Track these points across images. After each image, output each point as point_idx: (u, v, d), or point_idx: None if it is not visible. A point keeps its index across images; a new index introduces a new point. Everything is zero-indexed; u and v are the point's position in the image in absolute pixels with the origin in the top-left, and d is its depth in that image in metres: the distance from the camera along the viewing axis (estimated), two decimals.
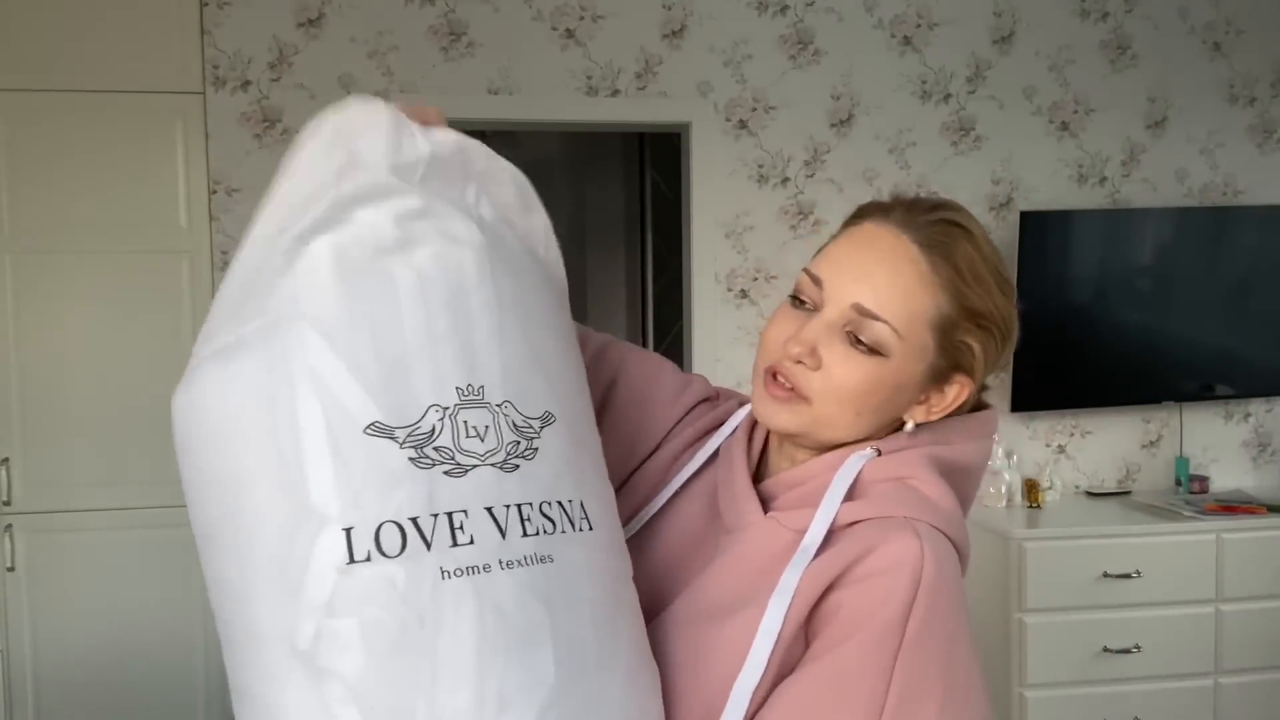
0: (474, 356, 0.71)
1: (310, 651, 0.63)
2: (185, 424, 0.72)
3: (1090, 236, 3.12)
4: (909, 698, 0.71)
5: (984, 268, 0.82)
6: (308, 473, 0.65)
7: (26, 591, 2.75)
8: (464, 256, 0.73)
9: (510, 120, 3.01)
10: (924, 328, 0.81)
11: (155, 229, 2.79)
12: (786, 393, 0.82)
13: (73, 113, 2.72)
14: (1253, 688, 2.85)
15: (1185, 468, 3.25)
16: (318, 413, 0.66)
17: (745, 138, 3.06)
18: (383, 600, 0.63)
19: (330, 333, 0.68)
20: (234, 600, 0.68)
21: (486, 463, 0.68)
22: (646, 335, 4.80)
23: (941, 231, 0.81)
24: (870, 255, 0.81)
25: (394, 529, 0.64)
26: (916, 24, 3.12)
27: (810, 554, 0.77)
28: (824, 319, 0.81)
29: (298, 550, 0.64)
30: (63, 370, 2.76)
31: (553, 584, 0.69)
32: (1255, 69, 3.30)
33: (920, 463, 0.82)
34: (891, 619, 0.72)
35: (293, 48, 2.87)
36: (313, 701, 0.63)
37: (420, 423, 0.67)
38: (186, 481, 0.72)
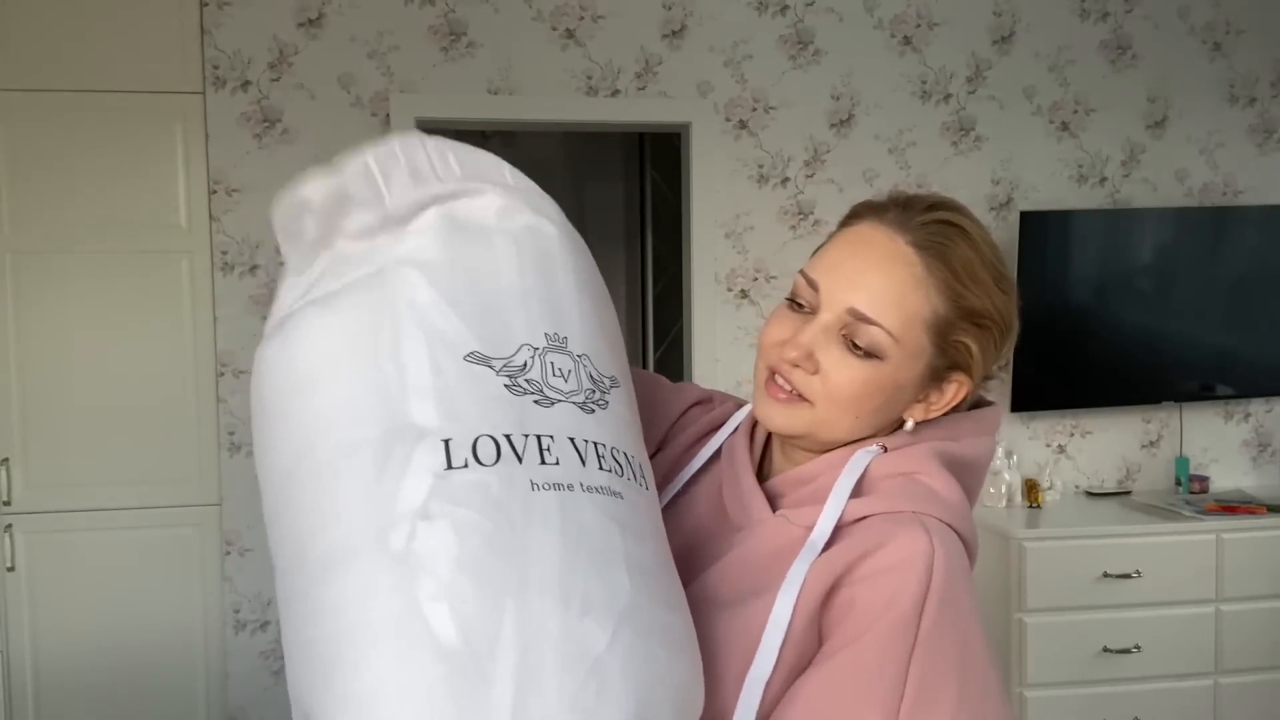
0: (559, 312, 0.78)
1: (403, 551, 0.65)
2: (275, 371, 0.76)
3: (1090, 236, 3.12)
4: (926, 692, 0.71)
5: (981, 267, 0.82)
6: (409, 392, 0.70)
7: (26, 591, 2.75)
8: (550, 231, 0.82)
9: (510, 120, 3.01)
10: (920, 330, 0.81)
11: (155, 229, 2.79)
12: (786, 395, 0.83)
13: (73, 113, 2.73)
14: (1253, 688, 2.85)
15: (1185, 468, 3.25)
16: (420, 339, 0.72)
17: (745, 138, 3.06)
18: (477, 503, 0.66)
19: (433, 273, 0.75)
20: (317, 524, 0.70)
21: (570, 400, 0.74)
22: (646, 335, 4.80)
23: (937, 232, 0.81)
24: (865, 258, 0.81)
25: (489, 441, 0.69)
26: (916, 24, 3.12)
27: (818, 548, 0.78)
28: (820, 323, 0.81)
29: (395, 461, 0.68)
30: (63, 370, 2.76)
31: (625, 516, 0.73)
32: (1255, 69, 3.30)
33: (927, 458, 0.82)
34: (905, 614, 0.73)
35: (293, 48, 2.87)
36: (401, 601, 0.64)
37: (514, 356, 0.73)
38: (265, 424, 0.76)
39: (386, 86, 2.90)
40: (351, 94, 2.89)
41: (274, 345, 0.76)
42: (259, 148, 2.86)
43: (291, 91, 2.87)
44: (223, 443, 2.88)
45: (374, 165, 0.82)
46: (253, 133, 2.86)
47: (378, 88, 2.90)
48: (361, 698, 0.63)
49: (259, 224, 2.88)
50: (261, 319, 2.88)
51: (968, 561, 0.80)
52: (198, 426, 2.83)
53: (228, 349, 2.86)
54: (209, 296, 2.83)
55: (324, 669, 0.66)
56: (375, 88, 2.89)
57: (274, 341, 0.77)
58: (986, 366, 0.86)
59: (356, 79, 2.89)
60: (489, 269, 0.77)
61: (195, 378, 2.83)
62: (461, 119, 3.00)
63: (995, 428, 0.90)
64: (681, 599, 0.76)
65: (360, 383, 0.71)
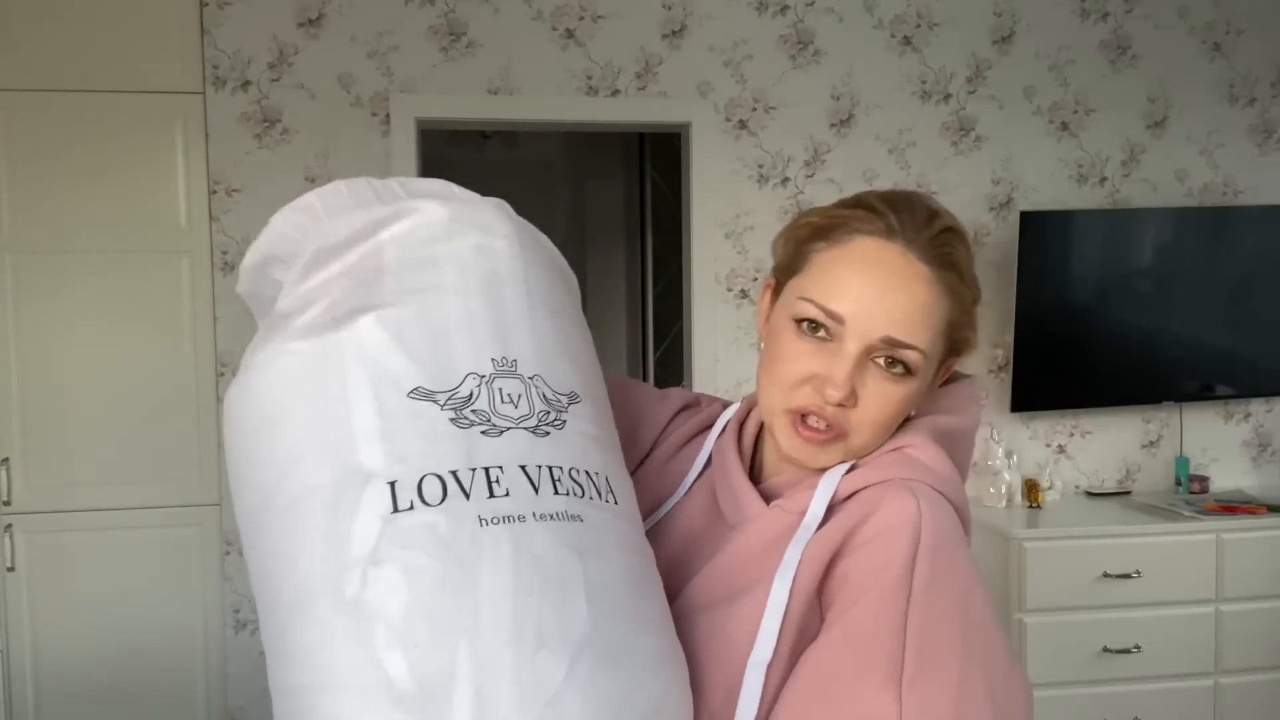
0: (508, 333, 0.77)
1: (356, 599, 0.66)
2: (237, 414, 0.77)
3: (1090, 236, 3.11)
4: (927, 654, 0.70)
5: (968, 260, 0.84)
6: (356, 434, 0.70)
7: (26, 591, 2.75)
8: (498, 247, 0.81)
9: (510, 120, 3.01)
10: (940, 337, 0.83)
11: (155, 229, 2.79)
12: (824, 434, 0.81)
13: (73, 113, 2.73)
14: (1253, 688, 2.85)
15: (1185, 468, 3.25)
16: (365, 380, 0.72)
17: (745, 138, 3.06)
18: (425, 545, 0.66)
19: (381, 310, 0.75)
20: (284, 569, 0.71)
21: (520, 426, 0.73)
22: (646, 335, 4.80)
23: (944, 244, 0.81)
24: (887, 283, 0.80)
25: (435, 480, 0.69)
26: (916, 24, 3.12)
27: (811, 530, 0.79)
28: (851, 355, 0.79)
29: (345, 506, 0.68)
30: (63, 370, 2.76)
31: (585, 540, 0.72)
32: (1255, 69, 3.30)
33: (915, 432, 0.84)
34: (897, 577, 0.72)
35: (293, 48, 2.87)
36: (359, 649, 0.65)
37: (459, 388, 0.73)
38: (234, 466, 0.77)
39: (386, 86, 2.90)
40: (351, 94, 2.89)
41: (237, 386, 0.78)
42: (259, 148, 2.86)
43: (291, 91, 2.87)
44: (223, 443, 2.87)
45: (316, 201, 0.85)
46: (253, 133, 2.86)
47: (378, 88, 2.90)
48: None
49: (259, 224, 2.85)
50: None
51: (959, 524, 0.80)
52: (198, 426, 2.83)
53: (228, 349, 2.86)
54: (209, 296, 2.83)
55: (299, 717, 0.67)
56: (375, 88, 2.90)
57: (238, 382, 0.78)
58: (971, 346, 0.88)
59: (356, 79, 2.89)
60: (435, 299, 0.76)
61: (195, 378, 2.83)
62: (461, 119, 3.00)
63: (978, 399, 0.91)
64: (657, 614, 0.75)
65: (313, 426, 0.72)
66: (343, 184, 0.85)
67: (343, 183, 0.86)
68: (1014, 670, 0.74)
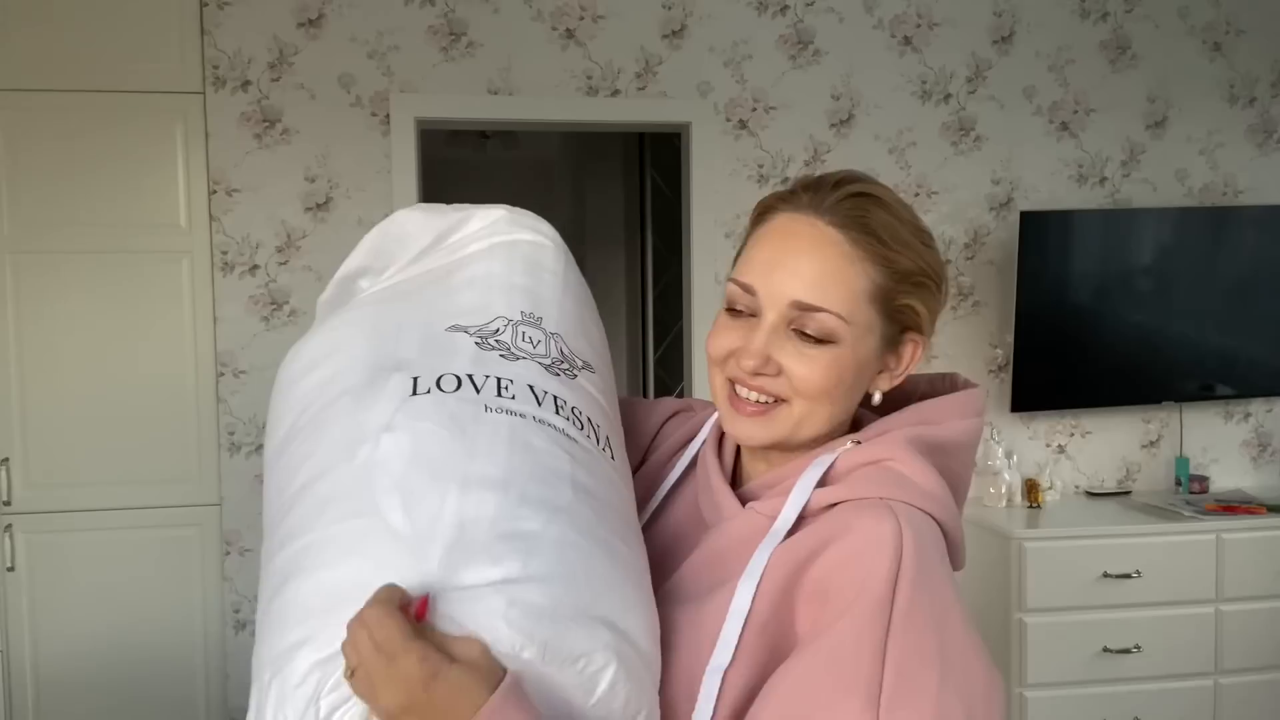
0: (540, 302, 0.89)
1: (367, 460, 0.74)
2: (294, 358, 0.89)
3: (1090, 236, 3.11)
4: (906, 675, 0.69)
5: (903, 229, 0.82)
6: (397, 354, 0.82)
7: (26, 591, 2.75)
8: (544, 245, 0.95)
9: (510, 120, 3.01)
10: (864, 304, 0.81)
11: (155, 229, 2.79)
12: (757, 406, 0.83)
13: (73, 113, 2.72)
14: (1253, 688, 2.85)
15: (1185, 468, 3.25)
16: (415, 322, 0.85)
17: (745, 138, 3.06)
18: (434, 415, 0.76)
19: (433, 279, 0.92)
20: (305, 462, 0.78)
21: (535, 359, 0.84)
22: (646, 335, 4.80)
23: (853, 206, 0.81)
24: (793, 249, 0.81)
25: (453, 377, 0.79)
26: (916, 24, 3.12)
27: (780, 536, 0.78)
28: (767, 324, 0.81)
29: (370, 395, 0.78)
30: (63, 370, 2.76)
31: (577, 454, 0.79)
32: (1255, 69, 3.30)
33: (899, 444, 0.81)
34: (878, 598, 0.71)
35: (293, 48, 2.87)
36: (364, 495, 0.72)
37: (488, 325, 0.85)
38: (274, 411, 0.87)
39: (386, 86, 2.90)
40: (351, 94, 2.89)
41: (302, 339, 0.91)
42: (259, 148, 2.86)
43: (291, 91, 2.87)
44: (223, 443, 2.88)
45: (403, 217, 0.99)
46: (253, 133, 2.86)
47: (378, 88, 2.90)
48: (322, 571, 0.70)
49: (259, 224, 2.88)
50: (261, 319, 2.89)
51: (941, 543, 0.79)
52: (198, 426, 2.83)
53: (228, 349, 2.86)
54: (209, 296, 2.83)
55: (296, 560, 0.72)
56: (375, 88, 2.90)
57: (305, 337, 0.92)
58: (932, 321, 0.87)
59: (356, 79, 2.89)
60: (484, 265, 0.90)
61: (195, 378, 2.83)
62: (461, 119, 3.00)
63: (978, 410, 0.88)
64: (635, 540, 0.80)
65: (361, 351, 0.83)
66: (420, 206, 1.00)
67: (420, 206, 1.00)
68: (991, 685, 0.73)
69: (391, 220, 0.98)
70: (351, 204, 2.90)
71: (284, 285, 2.89)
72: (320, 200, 2.89)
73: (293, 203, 2.88)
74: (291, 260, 2.89)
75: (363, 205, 2.89)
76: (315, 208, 2.89)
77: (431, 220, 0.96)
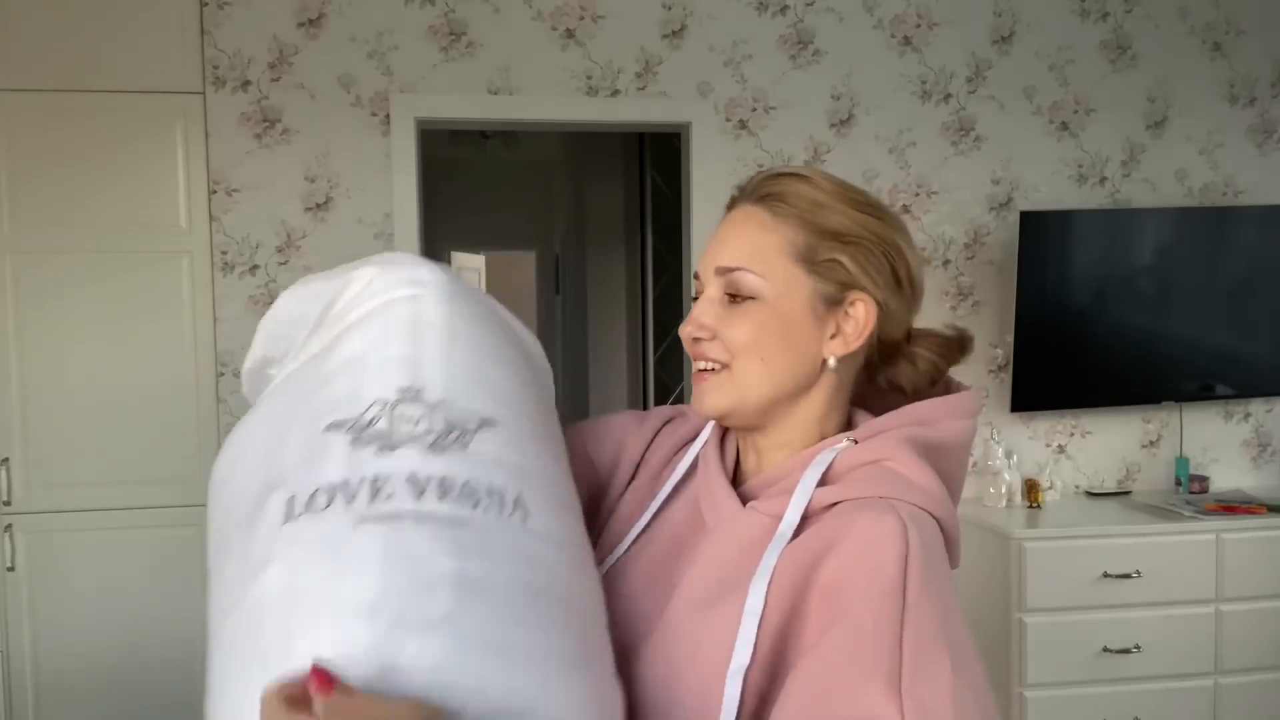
0: (419, 368, 0.82)
1: (254, 601, 0.72)
2: (215, 471, 0.90)
3: (1090, 236, 3.12)
4: (923, 659, 0.71)
5: (825, 196, 0.87)
6: (284, 457, 0.79)
7: (26, 591, 2.75)
8: (422, 296, 0.87)
9: (510, 120, 3.01)
10: (782, 258, 0.86)
11: (155, 229, 2.79)
12: (705, 374, 0.89)
13: (73, 113, 2.73)
14: (1253, 688, 2.85)
15: (1185, 468, 3.25)
16: (301, 427, 0.81)
17: (745, 138, 3.06)
18: (305, 542, 0.73)
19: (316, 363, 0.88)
20: (217, 587, 0.79)
21: (416, 441, 0.78)
22: (646, 335, 4.80)
23: (773, 183, 0.88)
24: (721, 230, 0.90)
25: (324, 494, 0.75)
26: (916, 24, 3.12)
27: (787, 536, 0.79)
28: (706, 297, 0.89)
29: (256, 517, 0.77)
30: (63, 370, 2.76)
31: (466, 542, 0.74)
32: (1255, 69, 3.30)
33: (896, 445, 0.83)
34: (891, 583, 0.73)
35: (293, 48, 2.87)
36: (246, 636, 0.71)
37: (364, 414, 0.79)
38: (209, 530, 0.87)
39: (386, 86, 2.90)
40: (351, 94, 2.89)
41: (230, 433, 0.91)
42: (259, 148, 2.86)
43: (291, 91, 2.87)
44: (223, 443, 2.87)
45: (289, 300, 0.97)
46: (253, 133, 2.86)
47: (378, 88, 2.90)
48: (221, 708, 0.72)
49: (259, 224, 2.88)
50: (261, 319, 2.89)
51: (941, 539, 0.80)
52: (198, 426, 2.83)
53: (228, 349, 2.86)
54: (209, 296, 2.83)
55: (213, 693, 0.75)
56: (375, 88, 2.90)
57: (232, 431, 0.91)
58: (883, 282, 0.87)
59: (356, 79, 2.89)
60: (357, 348, 0.84)
61: (195, 378, 2.83)
62: (461, 119, 3.00)
63: (973, 411, 0.89)
64: (553, 620, 0.76)
65: (256, 460, 0.82)
66: (302, 281, 0.97)
67: (306, 279, 0.97)
68: (986, 679, 0.76)
69: (274, 306, 0.98)
70: (351, 204, 2.90)
71: (284, 285, 2.88)
72: (320, 200, 2.89)
73: (293, 203, 2.89)
74: (291, 260, 2.89)
75: (363, 205, 2.90)
76: (315, 208, 2.89)
77: (316, 289, 0.94)
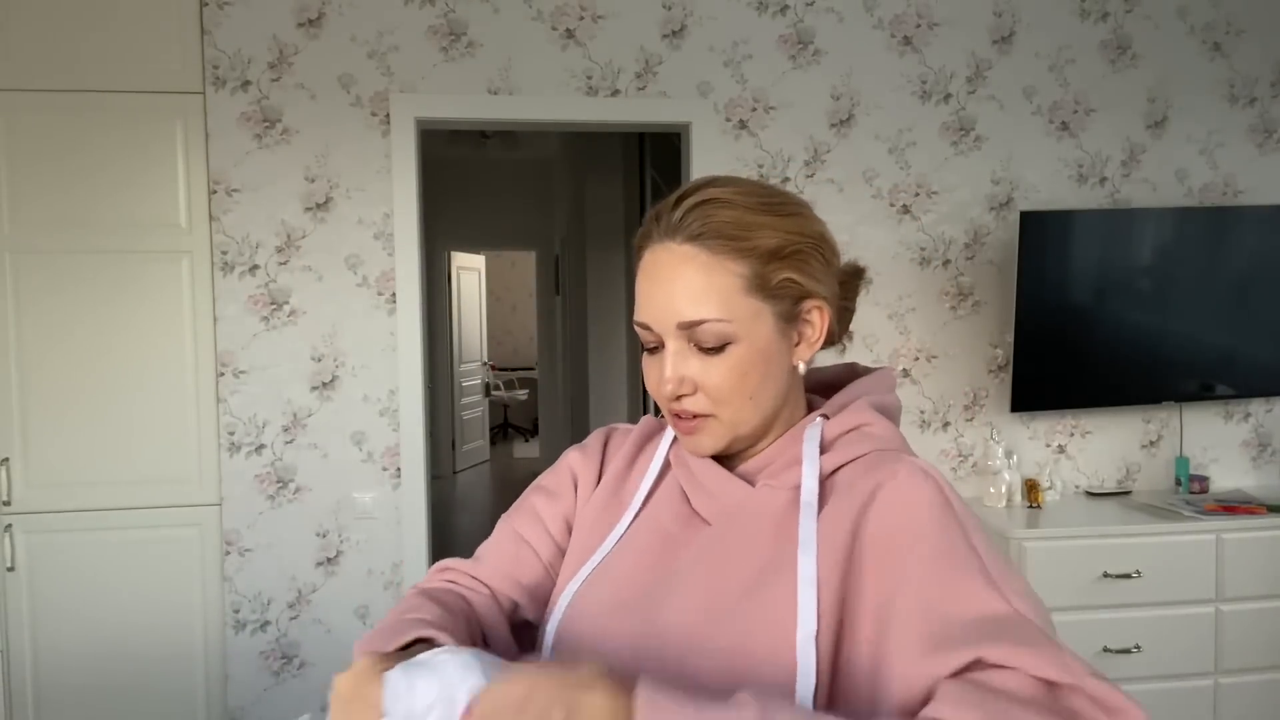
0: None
1: None
2: None
3: (1090, 236, 3.11)
4: (994, 563, 0.78)
5: (751, 214, 0.86)
6: None
7: (26, 591, 2.75)
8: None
9: (510, 120, 3.01)
10: (741, 296, 0.85)
11: (155, 229, 2.80)
12: (690, 422, 0.89)
13: (73, 113, 2.73)
14: (1253, 688, 2.85)
15: (1185, 468, 3.25)
16: None
17: (745, 138, 3.06)
18: None
19: None
20: None
21: None
22: None
23: (695, 218, 0.86)
24: (662, 277, 0.86)
25: None
26: (916, 24, 3.12)
27: (814, 505, 0.84)
28: (670, 351, 0.87)
29: None
30: (63, 370, 2.76)
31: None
32: (1255, 69, 3.30)
33: (866, 411, 0.91)
34: (942, 515, 0.80)
35: (293, 48, 2.87)
36: None
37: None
38: None
39: (386, 86, 2.90)
40: (351, 94, 2.89)
41: None
42: (259, 148, 2.86)
43: (291, 91, 2.87)
44: (223, 443, 2.88)
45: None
46: (253, 133, 2.86)
47: (378, 88, 2.90)
48: None
49: (259, 224, 2.88)
50: (261, 319, 2.89)
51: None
52: (198, 426, 2.83)
53: (228, 349, 2.86)
54: (209, 296, 2.83)
55: None
56: (375, 88, 2.90)
57: None
58: (826, 279, 0.90)
59: (356, 79, 2.89)
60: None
61: (195, 378, 2.83)
62: (461, 119, 3.00)
63: (895, 383, 1.04)
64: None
65: None
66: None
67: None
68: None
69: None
70: (351, 204, 2.90)
71: (284, 285, 2.89)
72: (320, 200, 2.89)
73: (292, 203, 2.89)
74: (291, 260, 2.89)
75: (363, 205, 2.89)
76: (315, 208, 2.89)
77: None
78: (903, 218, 3.15)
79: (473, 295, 8.51)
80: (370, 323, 2.92)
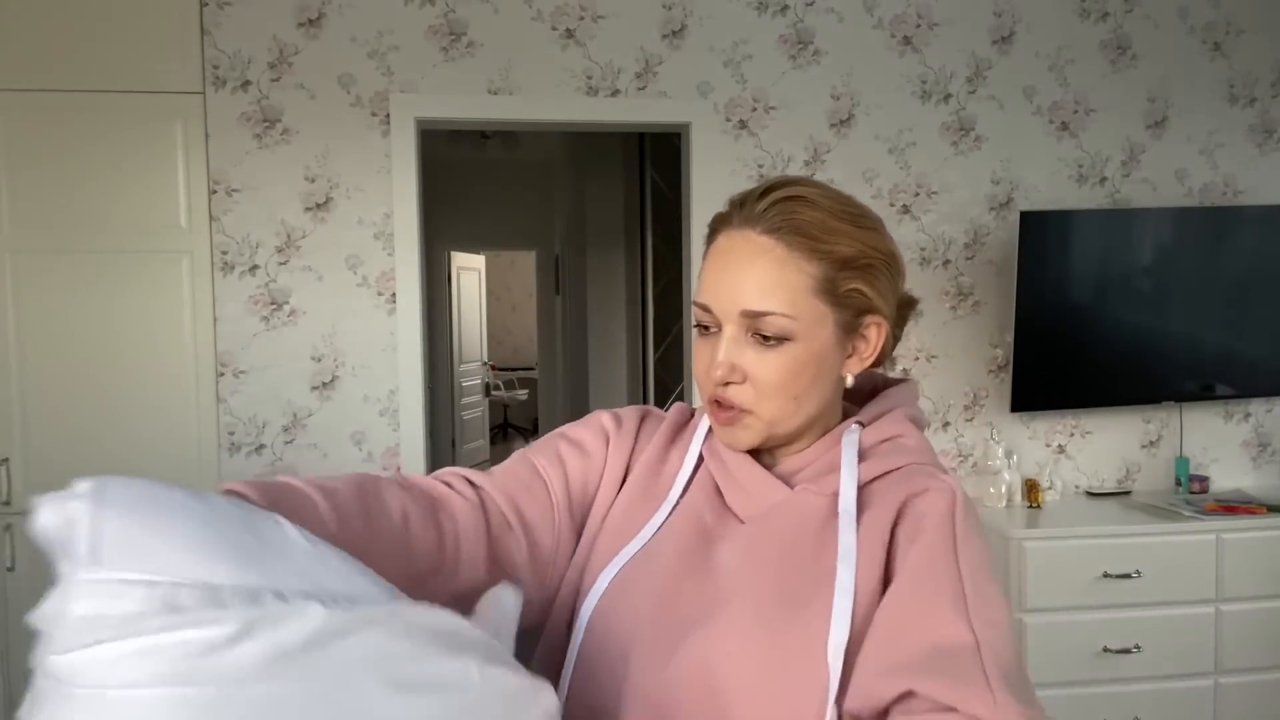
0: None
1: None
2: None
3: (1090, 236, 3.11)
4: (978, 588, 0.79)
5: (833, 220, 0.87)
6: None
7: (27, 591, 2.75)
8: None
9: (510, 120, 3.01)
10: (808, 297, 0.86)
11: (155, 229, 2.80)
12: (729, 413, 0.89)
13: (73, 113, 2.73)
14: (1253, 688, 2.85)
15: (1185, 468, 3.25)
16: None
17: (745, 138, 3.06)
18: None
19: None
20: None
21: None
22: (646, 335, 4.80)
23: (779, 212, 0.87)
24: (734, 263, 0.87)
25: None
26: (916, 24, 3.12)
27: (853, 515, 0.85)
28: (727, 336, 0.88)
29: None
30: (63, 370, 2.76)
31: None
32: (1255, 69, 3.30)
33: (902, 422, 0.93)
34: (942, 520, 0.82)
35: (293, 48, 2.87)
36: None
37: None
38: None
39: (386, 86, 2.90)
40: (351, 94, 2.89)
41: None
42: (259, 148, 2.86)
43: (291, 91, 2.87)
44: (223, 443, 2.88)
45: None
46: (253, 133, 2.86)
47: (378, 88, 2.90)
48: None
49: (259, 224, 2.88)
50: (261, 319, 2.89)
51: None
52: (198, 426, 2.83)
53: (228, 349, 2.86)
54: (209, 296, 2.83)
55: None
56: (375, 88, 2.90)
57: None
58: (891, 299, 0.92)
59: (356, 79, 2.89)
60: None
61: (195, 378, 2.83)
62: (461, 119, 3.00)
63: (918, 394, 1.06)
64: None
65: None
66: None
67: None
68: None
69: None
70: (351, 204, 2.90)
71: (284, 285, 2.89)
72: (320, 200, 2.89)
73: (292, 203, 2.89)
74: (291, 260, 2.89)
75: (363, 205, 2.90)
76: (315, 208, 2.89)
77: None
78: (903, 218, 3.15)
79: (473, 295, 8.51)
80: (370, 323, 2.92)
